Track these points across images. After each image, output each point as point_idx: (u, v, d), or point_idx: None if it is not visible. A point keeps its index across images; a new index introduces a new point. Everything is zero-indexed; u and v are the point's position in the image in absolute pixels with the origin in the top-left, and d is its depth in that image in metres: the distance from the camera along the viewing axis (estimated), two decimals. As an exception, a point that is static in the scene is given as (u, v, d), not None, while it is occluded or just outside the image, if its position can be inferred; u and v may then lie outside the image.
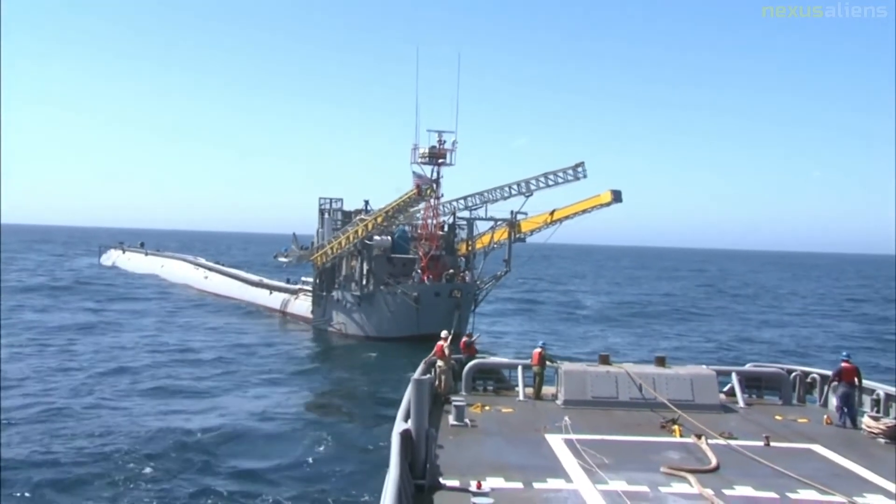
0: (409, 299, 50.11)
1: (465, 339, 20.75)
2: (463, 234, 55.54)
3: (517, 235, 52.87)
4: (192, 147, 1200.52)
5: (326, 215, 59.29)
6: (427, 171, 51.76)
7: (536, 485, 12.00)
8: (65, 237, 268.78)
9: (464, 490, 11.46)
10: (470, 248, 54.38)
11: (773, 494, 11.78)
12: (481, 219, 54.10)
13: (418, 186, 48.08)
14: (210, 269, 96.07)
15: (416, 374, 15.78)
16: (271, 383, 37.46)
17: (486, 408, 17.49)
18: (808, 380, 19.31)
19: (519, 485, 11.97)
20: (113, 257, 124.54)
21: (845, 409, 16.67)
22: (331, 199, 60.29)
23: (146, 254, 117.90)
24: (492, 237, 54.18)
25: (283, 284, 75.75)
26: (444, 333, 19.62)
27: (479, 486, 11.47)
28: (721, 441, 14.59)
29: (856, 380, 17.05)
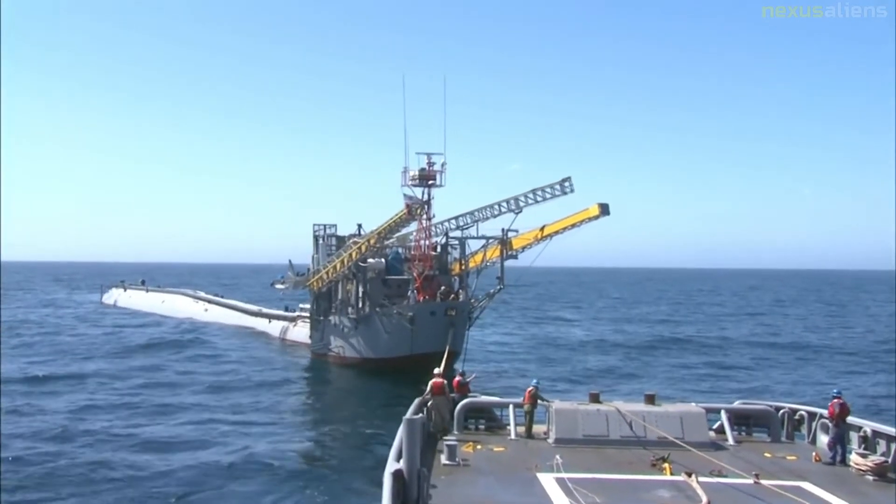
0: (404, 320, 50.67)
1: (458, 378, 20.73)
2: (455, 253, 56.16)
3: (509, 252, 53.49)
4: (186, 180, 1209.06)
5: (321, 241, 60.05)
6: (417, 193, 52.58)
7: None
8: (66, 274, 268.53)
9: None
10: (463, 267, 55.02)
11: None
12: (473, 237, 54.77)
13: (408, 206, 48.87)
14: (210, 301, 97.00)
15: (409, 414, 15.81)
16: (264, 415, 37.14)
17: (478, 446, 17.53)
18: (797, 417, 19.35)
19: None
20: (115, 295, 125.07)
21: (839, 448, 16.76)
22: (325, 225, 61.08)
23: (147, 290, 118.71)
24: (484, 255, 54.85)
25: (281, 312, 76.54)
26: (437, 371, 19.86)
27: None
28: (711, 479, 14.73)
29: (847, 417, 17.11)
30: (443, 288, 52.29)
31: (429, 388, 19.20)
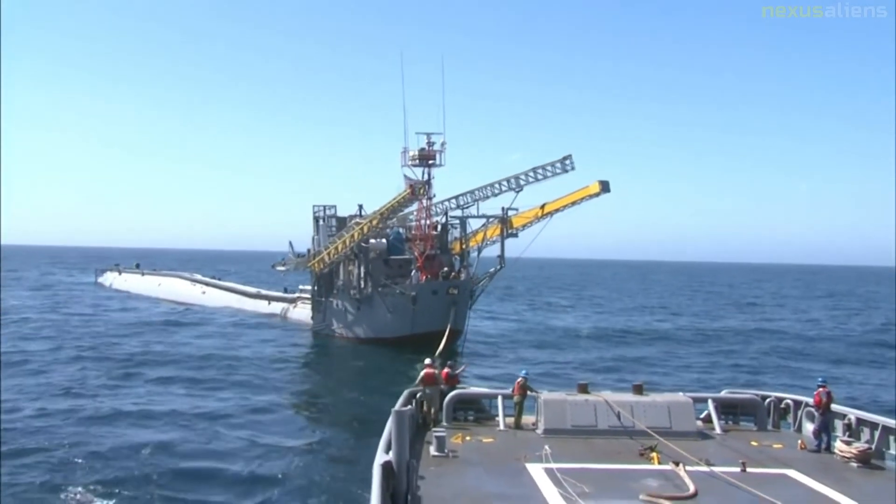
0: (406, 299, 50.96)
1: (446, 369, 20.58)
2: (456, 232, 56.48)
3: (509, 231, 53.90)
4: (183, 168, 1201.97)
5: (321, 222, 60.23)
6: (417, 173, 52.75)
7: None
8: (62, 258, 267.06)
9: None
10: (464, 246, 55.34)
11: None
12: (473, 216, 55.06)
13: (412, 186, 49.01)
14: (207, 284, 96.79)
15: (397, 406, 15.81)
16: (260, 395, 36.45)
17: (467, 438, 17.55)
18: (782, 405, 19.54)
19: None
20: (110, 279, 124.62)
21: (824, 436, 17.02)
22: (324, 206, 61.24)
23: (142, 274, 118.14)
24: (484, 234, 55.23)
25: (281, 294, 76.70)
26: (427, 361, 19.88)
27: None
28: (699, 468, 14.82)
29: (831, 405, 17.36)
30: (445, 269, 52.60)
31: (419, 378, 19.21)
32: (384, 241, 54.90)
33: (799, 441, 17.54)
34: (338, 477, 23.53)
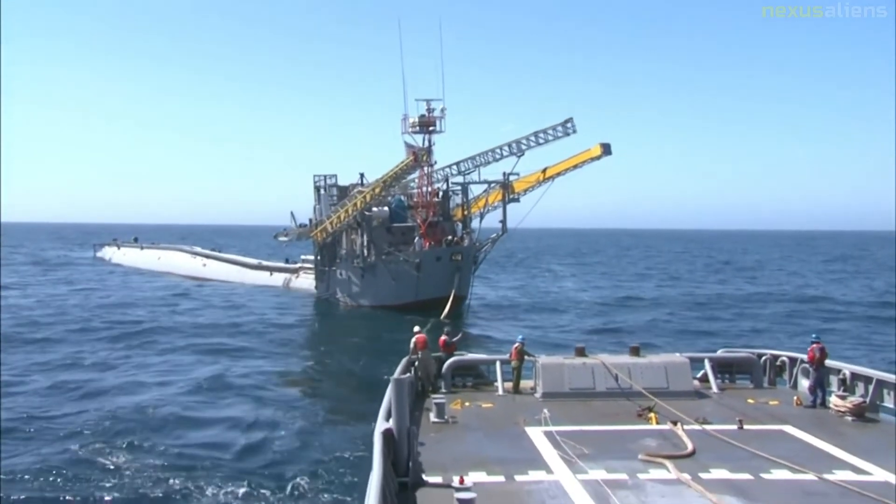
0: (410, 266, 51.03)
1: (444, 337, 20.63)
2: (457, 199, 56.37)
3: (511, 196, 53.74)
4: (179, 141, 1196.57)
5: (322, 191, 60.07)
6: (418, 140, 52.51)
7: (518, 477, 12.35)
8: (59, 233, 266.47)
9: (447, 486, 11.76)
10: (466, 212, 55.26)
11: (748, 476, 12.34)
12: (475, 182, 54.91)
13: (414, 153, 48.80)
14: (207, 256, 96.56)
15: (396, 374, 15.88)
16: (263, 363, 36.38)
17: (467, 404, 17.64)
18: (778, 363, 19.76)
19: (501, 478, 12.32)
20: (109, 253, 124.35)
21: (819, 391, 17.17)
22: (325, 176, 61.04)
23: (141, 247, 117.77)
24: (486, 200, 55.09)
25: (282, 265, 76.72)
26: (416, 329, 19.91)
27: (461, 482, 11.65)
28: (696, 426, 14.96)
29: (826, 361, 17.50)
30: (449, 237, 52.59)
31: (412, 344, 19.27)
32: (386, 209, 54.84)
33: (795, 397, 17.72)
34: (339, 436, 23.77)
